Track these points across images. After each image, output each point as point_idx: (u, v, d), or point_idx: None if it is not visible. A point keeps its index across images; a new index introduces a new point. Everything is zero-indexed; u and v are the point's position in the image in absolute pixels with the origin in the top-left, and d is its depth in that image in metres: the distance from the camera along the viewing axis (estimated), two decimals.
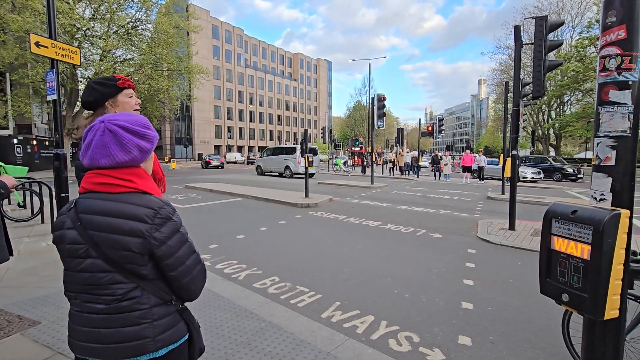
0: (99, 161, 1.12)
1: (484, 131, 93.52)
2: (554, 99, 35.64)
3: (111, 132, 1.12)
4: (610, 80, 1.20)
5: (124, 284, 1.10)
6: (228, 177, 22.18)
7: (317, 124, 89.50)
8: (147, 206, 1.11)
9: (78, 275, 1.13)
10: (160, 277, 1.16)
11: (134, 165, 1.17)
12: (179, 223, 1.17)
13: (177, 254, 1.14)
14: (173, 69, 27.40)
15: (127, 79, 1.88)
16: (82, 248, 1.11)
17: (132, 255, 1.08)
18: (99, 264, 1.10)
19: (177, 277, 1.16)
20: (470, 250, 5.78)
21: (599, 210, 1.19)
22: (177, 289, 1.19)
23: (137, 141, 1.15)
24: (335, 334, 2.94)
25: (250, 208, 9.95)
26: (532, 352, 2.83)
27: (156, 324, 1.13)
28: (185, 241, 1.18)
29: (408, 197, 12.47)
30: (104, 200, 1.12)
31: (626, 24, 1.15)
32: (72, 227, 1.13)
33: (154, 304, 1.14)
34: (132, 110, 1.89)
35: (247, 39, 75.91)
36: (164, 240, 1.11)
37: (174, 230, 1.14)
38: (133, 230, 1.08)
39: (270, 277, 4.42)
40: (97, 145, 1.11)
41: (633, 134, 1.19)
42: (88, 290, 1.12)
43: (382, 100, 15.71)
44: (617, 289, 1.15)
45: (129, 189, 1.14)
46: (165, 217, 1.13)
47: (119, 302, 1.10)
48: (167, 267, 1.13)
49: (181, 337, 1.21)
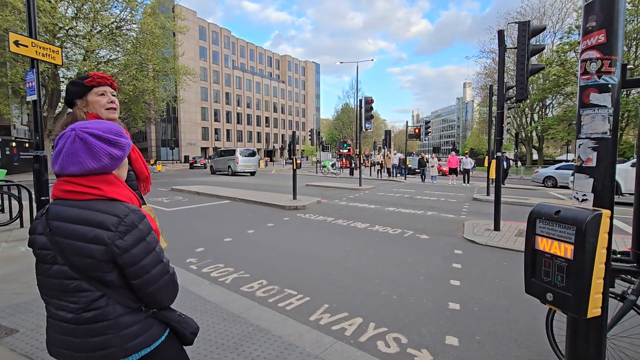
0: (68, 169, 1.12)
1: (469, 133, 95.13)
2: (536, 102, 36.57)
3: (82, 139, 1.11)
4: (591, 84, 1.23)
5: (89, 292, 1.11)
6: (215, 179, 21.95)
7: (305, 126, 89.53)
8: (112, 213, 1.11)
9: (47, 280, 1.14)
10: (127, 284, 1.16)
11: (105, 173, 1.16)
12: (144, 231, 1.16)
13: (141, 262, 1.13)
14: (159, 70, 27.01)
15: (99, 76, 1.79)
16: (50, 254, 1.12)
17: (95, 263, 1.09)
18: (65, 270, 1.11)
19: (140, 285, 1.15)
20: (456, 251, 5.84)
21: (581, 211, 1.21)
22: (142, 297, 1.18)
23: (108, 149, 1.14)
24: (323, 336, 2.92)
25: (237, 210, 9.86)
26: (518, 350, 2.87)
27: (123, 334, 1.14)
28: (150, 250, 1.16)
29: (396, 199, 12.56)
30: (71, 208, 1.13)
31: (606, 28, 1.18)
32: (42, 233, 1.15)
33: (120, 313, 1.14)
34: (104, 109, 1.82)
35: (235, 40, 75.48)
36: (127, 249, 1.11)
37: (138, 239, 1.13)
38: (96, 237, 1.08)
39: (258, 281, 4.38)
40: (67, 153, 1.11)
41: (613, 136, 1.22)
42: (57, 296, 1.14)
43: (370, 103, 15.81)
44: (599, 287, 1.17)
45: (95, 196, 1.14)
46: (129, 225, 1.12)
47: (83, 312, 1.11)
48: (130, 275, 1.13)
49: (155, 339, 1.21)
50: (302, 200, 11.11)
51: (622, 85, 1.21)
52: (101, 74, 1.81)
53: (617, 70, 1.19)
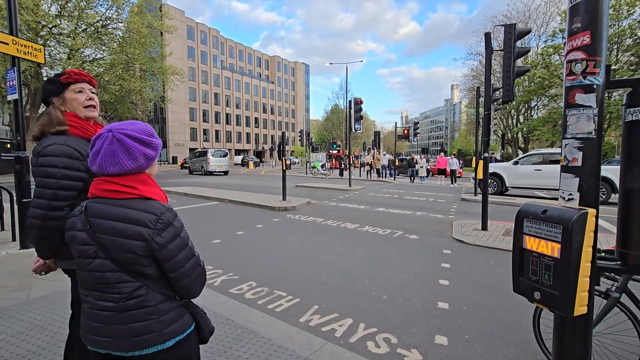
0: (108, 169, 1.20)
1: (457, 134, 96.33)
2: (522, 104, 37.22)
3: (119, 141, 1.19)
4: (576, 84, 1.24)
5: (130, 283, 1.19)
6: (205, 180, 21.72)
7: (294, 126, 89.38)
8: (149, 212, 1.20)
9: (88, 274, 1.22)
10: (164, 276, 1.25)
11: (139, 172, 1.25)
12: (179, 228, 1.25)
13: (177, 257, 1.22)
14: (146, 70, 26.59)
15: (76, 73, 1.73)
16: (91, 249, 1.20)
17: (136, 257, 1.17)
18: (107, 264, 1.19)
19: (177, 278, 1.24)
20: (445, 250, 5.90)
21: (568, 210, 1.22)
22: (178, 289, 1.27)
23: (143, 149, 1.23)
24: (313, 338, 2.90)
25: (226, 212, 9.77)
26: (506, 349, 2.91)
27: (162, 319, 1.22)
28: (185, 245, 1.25)
29: (385, 199, 12.62)
30: (110, 206, 1.21)
31: (590, 30, 1.20)
32: (82, 230, 1.22)
33: (159, 301, 1.23)
34: (83, 106, 1.76)
35: (224, 40, 74.94)
36: (165, 245, 1.19)
37: (174, 235, 1.22)
38: (137, 234, 1.16)
39: (247, 282, 4.33)
40: (105, 154, 1.19)
41: (598, 136, 1.24)
42: (98, 288, 1.21)
43: (359, 104, 15.86)
44: (585, 285, 1.19)
45: (133, 195, 1.22)
46: (166, 222, 1.21)
47: (126, 301, 1.19)
48: (167, 269, 1.22)
49: (187, 327, 1.30)
50: (291, 201, 11.08)
51: (606, 86, 1.23)
52: (78, 70, 1.75)
53: (602, 71, 1.21)
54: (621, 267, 1.28)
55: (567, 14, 1.28)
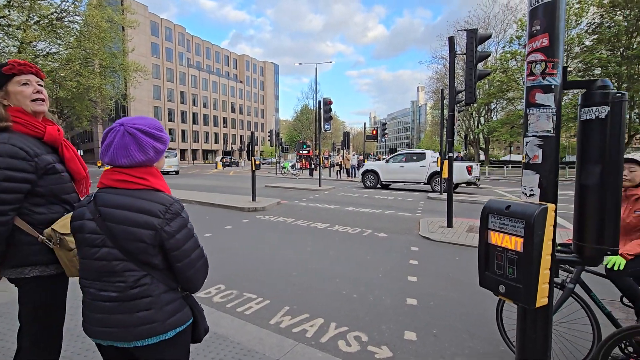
0: (119, 160, 1.24)
1: (423, 135, 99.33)
2: (482, 106, 39.09)
3: (130, 134, 1.24)
4: (536, 84, 1.30)
5: (135, 272, 1.22)
6: (170, 182, 20.97)
7: (264, 126, 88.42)
8: (159, 202, 1.25)
9: (93, 263, 1.24)
10: (169, 267, 1.29)
11: (149, 165, 1.30)
12: (186, 219, 1.30)
13: (184, 247, 1.27)
14: (106, 66, 25.27)
15: (20, 63, 1.58)
16: (99, 238, 1.23)
17: (145, 246, 1.21)
18: (114, 252, 1.22)
19: (182, 268, 1.28)
20: (413, 248, 6.04)
21: (529, 205, 1.27)
22: (182, 280, 1.31)
23: (153, 143, 1.28)
24: (284, 339, 2.86)
25: (193, 213, 9.43)
26: (471, 341, 3.01)
27: (165, 309, 1.25)
28: (191, 236, 1.30)
29: (355, 199, 12.76)
30: (121, 196, 1.25)
31: (549, 32, 1.25)
32: (91, 219, 1.25)
33: (162, 290, 1.26)
34: (30, 100, 1.61)
35: (190, 37, 72.80)
36: (173, 234, 1.24)
37: (182, 225, 1.27)
38: (147, 223, 1.20)
39: (215, 286, 4.21)
40: (118, 147, 1.23)
41: (556, 134, 1.29)
42: (102, 277, 1.24)
43: (329, 104, 15.94)
44: (546, 278, 1.24)
45: (143, 186, 1.27)
46: (175, 213, 1.26)
47: (131, 289, 1.22)
48: (174, 258, 1.26)
49: (187, 319, 1.34)
50: (261, 201, 10.93)
51: (563, 87, 1.29)
52: (23, 61, 1.60)
53: (559, 72, 1.27)
54: (578, 259, 1.35)
55: (527, 17, 1.33)
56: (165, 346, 1.28)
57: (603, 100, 1.21)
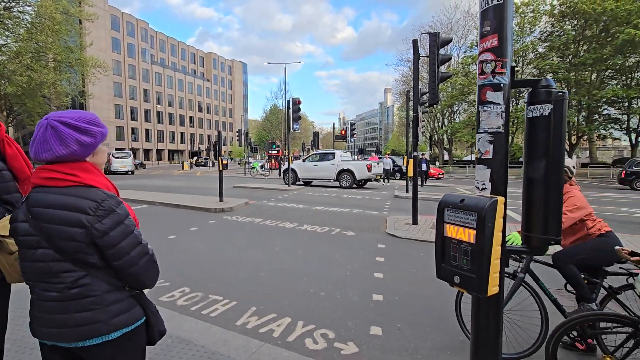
0: (41, 155, 1.19)
1: (390, 136, 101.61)
2: (446, 108, 40.63)
3: (52, 127, 1.19)
4: (487, 83, 1.36)
5: (73, 272, 1.18)
6: (135, 182, 20.07)
7: (232, 126, 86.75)
8: (90, 198, 1.18)
9: (32, 265, 1.21)
10: (110, 265, 1.23)
11: (78, 160, 1.23)
12: (122, 215, 1.23)
13: (120, 244, 1.21)
14: (61, 61, 23.83)
15: None
16: (34, 239, 1.19)
17: (78, 245, 1.16)
18: (50, 253, 1.18)
19: (122, 266, 1.22)
20: (380, 245, 6.15)
21: (481, 198, 1.33)
22: (124, 278, 1.25)
23: (77, 136, 1.21)
24: (250, 340, 2.82)
25: (157, 215, 9.12)
26: (434, 333, 3.11)
27: (108, 309, 1.21)
28: (129, 233, 1.24)
29: (323, 198, 12.82)
30: (50, 194, 1.19)
31: (498, 33, 1.32)
32: (24, 220, 1.21)
33: (105, 290, 1.21)
34: None
35: (154, 33, 70.04)
36: (106, 231, 1.18)
37: (116, 222, 1.20)
38: (77, 221, 1.15)
39: (180, 289, 4.08)
40: (40, 141, 1.19)
41: (505, 130, 1.36)
42: (42, 278, 1.21)
43: (298, 104, 15.91)
44: (497, 267, 1.30)
45: (74, 182, 1.20)
46: (107, 209, 1.19)
47: (70, 289, 1.18)
48: (110, 257, 1.20)
49: (136, 320, 1.28)
50: (228, 202, 10.72)
51: (512, 85, 1.36)
52: None
53: (508, 71, 1.33)
54: (526, 249, 1.43)
55: (479, 18, 1.39)
56: (111, 347, 1.24)
57: (547, 99, 1.29)
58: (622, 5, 25.75)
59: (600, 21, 27.89)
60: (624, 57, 27.63)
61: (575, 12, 28.69)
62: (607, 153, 57.87)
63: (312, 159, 18.20)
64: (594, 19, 27.83)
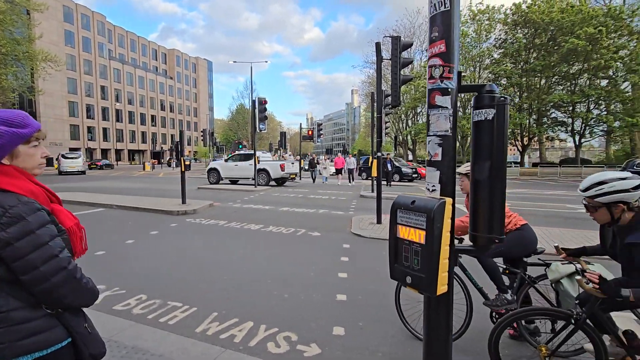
0: None
1: (357, 136, 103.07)
2: (410, 109, 41.82)
3: None
4: (435, 87, 1.40)
5: None
6: (90, 184, 18.94)
7: (197, 126, 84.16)
8: None
9: None
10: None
11: None
12: (33, 224, 1.11)
13: (28, 257, 1.08)
14: (6, 53, 22.06)
15: None
16: None
17: None
18: None
19: (30, 282, 1.09)
20: (345, 245, 6.21)
21: (430, 200, 1.36)
22: (38, 295, 1.12)
23: None
24: (210, 347, 2.74)
25: (114, 219, 8.66)
26: (393, 330, 3.17)
27: (16, 329, 1.08)
28: (41, 244, 1.11)
29: (290, 199, 12.76)
30: None
31: (445, 39, 1.36)
32: None
33: (13, 307, 1.09)
34: None
35: (112, 27, 66.53)
36: (10, 242, 1.06)
37: (24, 232, 1.08)
38: None
39: (136, 296, 3.89)
40: None
41: (453, 134, 1.41)
42: None
43: (264, 104, 15.73)
44: (445, 267, 1.34)
45: None
46: (14, 217, 1.08)
47: None
48: (16, 270, 1.08)
49: (54, 343, 1.14)
50: (192, 204, 10.39)
51: (459, 90, 1.42)
52: None
53: (455, 77, 1.38)
54: (472, 247, 1.49)
55: (428, 24, 1.43)
56: None
57: (490, 103, 1.35)
58: (567, 17, 27.82)
59: (548, 30, 29.97)
60: (568, 65, 29.87)
61: (527, 21, 30.65)
62: (555, 153, 62.25)
63: (234, 159, 19.21)
64: (543, 28, 29.86)
